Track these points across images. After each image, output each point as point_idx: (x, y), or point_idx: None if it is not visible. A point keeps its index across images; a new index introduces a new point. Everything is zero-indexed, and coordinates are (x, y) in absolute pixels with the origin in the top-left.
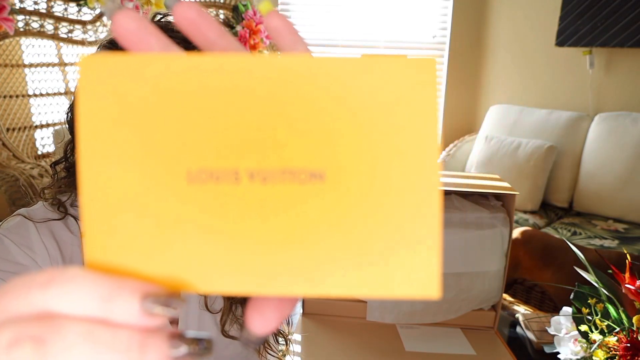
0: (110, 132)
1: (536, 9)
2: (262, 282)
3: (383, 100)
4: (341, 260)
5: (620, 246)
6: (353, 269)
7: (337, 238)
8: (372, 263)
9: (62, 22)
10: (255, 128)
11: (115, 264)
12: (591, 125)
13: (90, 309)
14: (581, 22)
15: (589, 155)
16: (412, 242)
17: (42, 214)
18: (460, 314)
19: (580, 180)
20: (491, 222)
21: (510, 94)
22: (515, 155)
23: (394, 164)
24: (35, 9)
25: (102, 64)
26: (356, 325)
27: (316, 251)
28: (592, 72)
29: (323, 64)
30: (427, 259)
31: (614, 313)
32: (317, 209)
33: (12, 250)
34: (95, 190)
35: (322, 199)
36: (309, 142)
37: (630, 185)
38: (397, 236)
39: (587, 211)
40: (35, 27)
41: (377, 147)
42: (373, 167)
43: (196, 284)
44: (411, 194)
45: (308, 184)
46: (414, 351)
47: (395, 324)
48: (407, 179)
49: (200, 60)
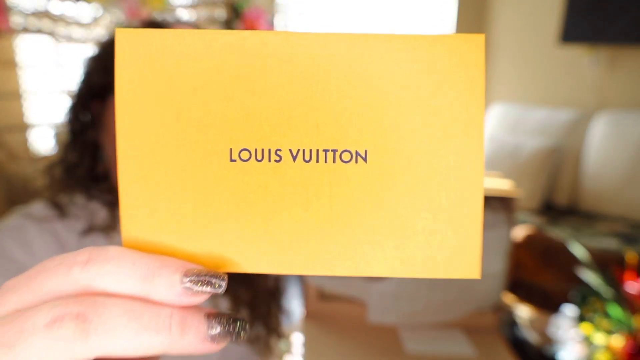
0: (148, 108)
1: (538, 6)
2: (305, 262)
3: (428, 80)
4: (383, 240)
5: (621, 246)
6: (395, 249)
7: (379, 218)
8: (414, 244)
9: (60, 21)
10: (297, 107)
11: (154, 243)
12: (594, 124)
13: (132, 287)
14: (585, 19)
15: (591, 155)
16: (456, 224)
17: (42, 213)
18: (461, 315)
19: (583, 180)
20: (492, 223)
21: (512, 93)
22: (517, 154)
23: (439, 146)
24: (34, 9)
25: (139, 38)
26: (357, 326)
27: (358, 231)
28: (595, 70)
29: (366, 41)
30: (470, 240)
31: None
32: (359, 189)
33: (8, 248)
34: (132, 167)
35: (365, 178)
36: (351, 122)
37: (633, 185)
38: (440, 218)
39: (589, 211)
40: (34, 27)
41: (421, 127)
42: (417, 148)
43: (239, 263)
44: (455, 177)
45: (350, 163)
46: (415, 352)
47: (396, 325)
48: (451, 161)
49: (241, 37)
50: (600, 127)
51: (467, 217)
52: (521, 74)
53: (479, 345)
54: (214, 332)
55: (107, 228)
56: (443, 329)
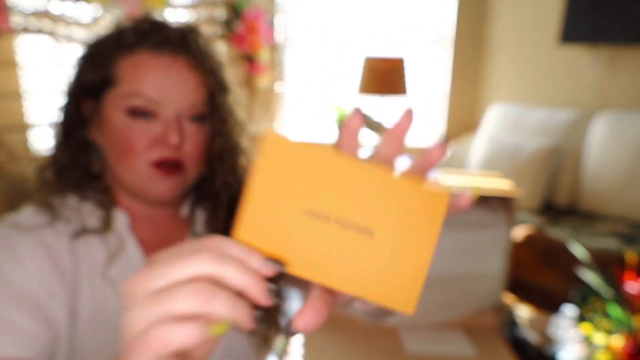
0: (269, 180)
1: (538, 6)
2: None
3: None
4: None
5: (621, 246)
6: (370, 279)
7: (370, 261)
8: (380, 279)
9: (60, 21)
10: (344, 197)
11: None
12: (594, 124)
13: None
14: (585, 20)
15: (591, 155)
16: (407, 274)
17: (29, 222)
18: (461, 315)
19: (583, 180)
20: (492, 223)
21: (512, 93)
22: (517, 154)
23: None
24: (34, 9)
25: (282, 144)
26: (357, 326)
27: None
28: (595, 70)
29: (386, 177)
30: (413, 283)
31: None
32: (363, 246)
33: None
34: (254, 208)
35: (368, 242)
36: (368, 214)
37: (633, 184)
38: (399, 270)
39: (589, 211)
40: (34, 27)
41: (399, 228)
42: (397, 236)
43: (296, 267)
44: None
45: (363, 233)
46: (415, 352)
47: (396, 325)
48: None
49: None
50: (600, 127)
51: (416, 273)
52: (521, 74)
53: (479, 345)
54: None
55: (102, 229)
56: (443, 329)
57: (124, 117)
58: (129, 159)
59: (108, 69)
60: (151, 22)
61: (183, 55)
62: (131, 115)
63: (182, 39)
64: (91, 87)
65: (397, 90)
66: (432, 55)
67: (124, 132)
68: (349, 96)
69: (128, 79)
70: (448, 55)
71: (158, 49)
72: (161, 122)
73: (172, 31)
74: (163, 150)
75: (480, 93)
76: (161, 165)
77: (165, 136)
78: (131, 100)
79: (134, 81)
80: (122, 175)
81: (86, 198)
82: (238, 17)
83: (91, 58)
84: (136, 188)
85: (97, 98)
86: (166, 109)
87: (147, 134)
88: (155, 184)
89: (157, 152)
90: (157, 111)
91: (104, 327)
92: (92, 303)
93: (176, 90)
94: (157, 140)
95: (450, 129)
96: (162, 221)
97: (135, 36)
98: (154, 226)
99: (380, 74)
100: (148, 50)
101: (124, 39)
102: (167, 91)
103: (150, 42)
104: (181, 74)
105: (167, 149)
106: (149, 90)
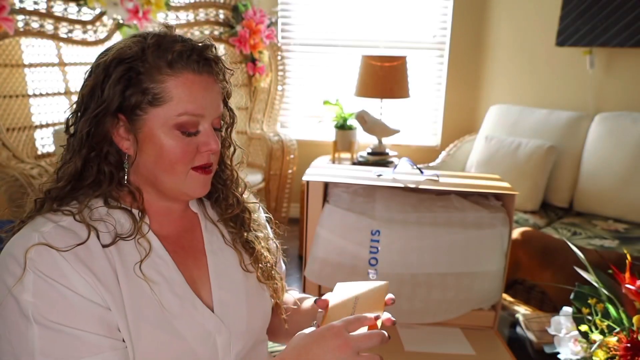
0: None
1: (536, 8)
2: None
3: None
4: None
5: (620, 246)
6: None
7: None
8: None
9: (62, 22)
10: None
11: None
12: (591, 125)
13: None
14: (581, 22)
15: (589, 155)
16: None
17: (62, 239)
18: (460, 314)
19: (581, 180)
20: (491, 222)
21: (511, 94)
22: (516, 155)
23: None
24: (35, 9)
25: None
26: None
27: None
28: (592, 72)
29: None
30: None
31: (614, 313)
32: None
33: (56, 288)
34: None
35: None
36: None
37: (631, 185)
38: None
39: (587, 211)
40: (35, 27)
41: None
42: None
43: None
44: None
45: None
46: (414, 351)
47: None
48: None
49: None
50: (597, 129)
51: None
52: (520, 76)
53: (478, 344)
54: None
55: (134, 235)
56: (442, 328)
57: (173, 132)
58: (177, 168)
59: (154, 88)
60: (182, 41)
61: (210, 72)
62: (180, 131)
63: (217, 60)
64: (132, 105)
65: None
66: (431, 57)
67: (173, 145)
68: (349, 97)
69: (180, 98)
70: (447, 57)
71: (199, 68)
72: (202, 133)
73: (208, 51)
74: (204, 157)
75: (479, 94)
76: (202, 168)
77: (206, 144)
78: (184, 118)
79: (186, 101)
80: (165, 182)
81: (113, 206)
82: (239, 18)
83: (127, 77)
84: (176, 191)
85: (135, 114)
86: (206, 121)
87: (193, 146)
88: (196, 183)
89: (200, 160)
90: (200, 125)
91: (148, 321)
92: (134, 301)
93: (212, 105)
94: (199, 149)
95: (448, 131)
96: (175, 213)
97: (177, 56)
98: (169, 219)
99: (381, 74)
100: (192, 70)
101: (169, 61)
102: (209, 107)
103: (193, 64)
104: (215, 90)
105: (207, 155)
106: (195, 108)
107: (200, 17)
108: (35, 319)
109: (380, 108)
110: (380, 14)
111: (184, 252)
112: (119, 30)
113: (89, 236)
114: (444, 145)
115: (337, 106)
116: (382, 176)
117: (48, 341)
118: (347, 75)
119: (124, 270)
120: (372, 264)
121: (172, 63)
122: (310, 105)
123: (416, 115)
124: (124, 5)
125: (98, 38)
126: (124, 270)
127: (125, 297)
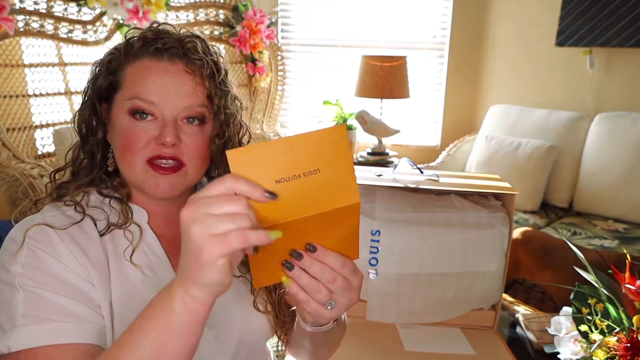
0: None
1: (536, 9)
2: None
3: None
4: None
5: (620, 246)
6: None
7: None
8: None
9: (62, 22)
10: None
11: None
12: (591, 125)
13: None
14: (581, 22)
15: (589, 155)
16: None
17: (60, 220)
18: (460, 314)
19: (580, 180)
20: (491, 222)
21: (511, 94)
22: (515, 156)
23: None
24: (35, 9)
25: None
26: (356, 325)
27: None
28: (592, 72)
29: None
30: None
31: (614, 313)
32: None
33: (49, 263)
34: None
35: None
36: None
37: (631, 185)
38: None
39: (587, 211)
40: (35, 27)
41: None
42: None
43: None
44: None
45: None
46: (414, 351)
47: (395, 324)
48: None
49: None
50: (597, 129)
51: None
52: (520, 76)
53: (478, 344)
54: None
55: (124, 222)
56: (442, 328)
57: (126, 118)
58: (129, 155)
59: (117, 74)
60: (155, 31)
61: (181, 61)
62: (132, 116)
63: (181, 45)
64: (104, 91)
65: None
66: (431, 57)
67: (125, 130)
68: (349, 97)
69: (131, 82)
70: (447, 57)
71: (158, 55)
72: (159, 123)
73: (172, 39)
74: (159, 149)
75: (479, 94)
76: (157, 163)
77: (161, 136)
78: (132, 101)
79: (135, 85)
80: (124, 171)
81: (107, 195)
82: (239, 18)
83: (105, 65)
84: (136, 184)
85: (110, 102)
86: (164, 111)
87: (146, 133)
88: (152, 180)
89: (153, 150)
90: (156, 113)
91: (134, 313)
92: (121, 289)
93: (173, 93)
94: (154, 140)
95: (448, 131)
96: (172, 215)
97: (140, 44)
98: (168, 222)
99: (381, 74)
100: (150, 56)
101: (131, 48)
102: (165, 94)
103: (152, 49)
104: (178, 78)
105: (163, 147)
106: (148, 93)
107: (200, 17)
108: (21, 285)
109: (380, 108)
110: (380, 14)
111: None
112: (119, 31)
113: (83, 218)
114: (444, 145)
115: (337, 106)
116: (382, 176)
117: (31, 305)
118: (347, 75)
119: (116, 261)
120: (372, 264)
121: (135, 51)
122: (310, 105)
123: (416, 115)
124: (124, 5)
125: (98, 38)
126: (116, 261)
127: (113, 285)
